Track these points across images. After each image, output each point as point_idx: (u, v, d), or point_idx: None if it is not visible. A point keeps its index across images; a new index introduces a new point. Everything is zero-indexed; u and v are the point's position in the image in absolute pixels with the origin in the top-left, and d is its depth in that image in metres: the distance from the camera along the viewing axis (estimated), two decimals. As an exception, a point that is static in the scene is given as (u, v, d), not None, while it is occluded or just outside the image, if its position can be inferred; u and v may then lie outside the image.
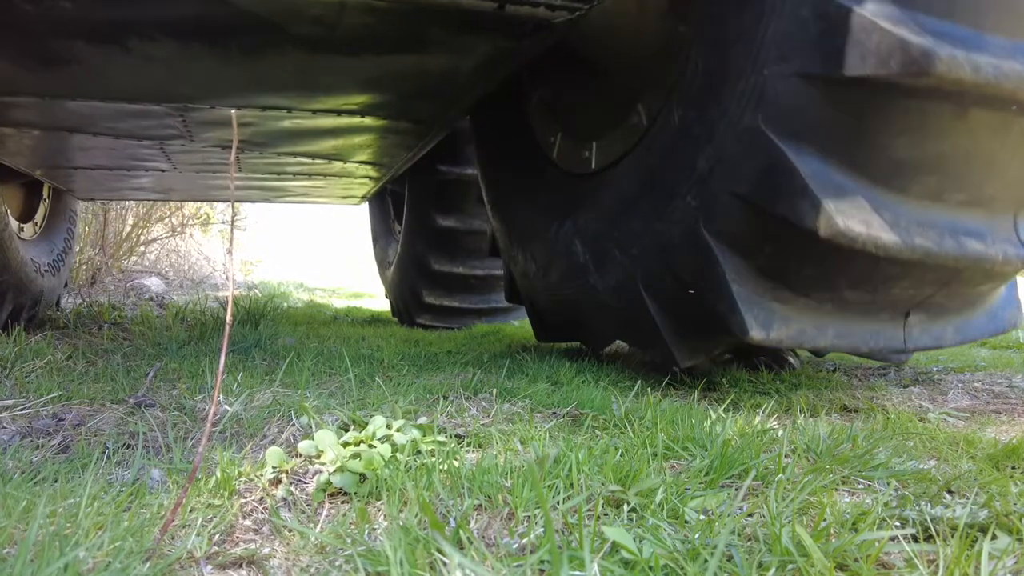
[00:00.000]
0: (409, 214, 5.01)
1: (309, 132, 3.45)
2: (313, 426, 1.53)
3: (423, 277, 4.74)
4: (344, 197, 6.03)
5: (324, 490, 1.19)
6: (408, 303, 5.09)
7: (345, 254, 15.61)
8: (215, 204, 10.96)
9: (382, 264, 6.32)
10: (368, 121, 3.27)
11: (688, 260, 2.00)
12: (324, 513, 1.13)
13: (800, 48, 1.65)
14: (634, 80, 2.30)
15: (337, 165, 4.41)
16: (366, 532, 1.01)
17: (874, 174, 1.69)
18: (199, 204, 10.74)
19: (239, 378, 2.05)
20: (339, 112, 3.08)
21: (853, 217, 1.67)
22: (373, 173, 4.68)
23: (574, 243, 2.55)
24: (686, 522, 1.04)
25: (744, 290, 1.89)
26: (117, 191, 5.57)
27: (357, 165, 4.43)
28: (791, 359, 2.74)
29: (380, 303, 8.79)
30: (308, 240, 16.40)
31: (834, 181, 1.68)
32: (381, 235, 6.43)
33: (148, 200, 8.18)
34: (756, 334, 1.86)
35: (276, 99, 2.90)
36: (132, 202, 8.98)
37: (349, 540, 0.97)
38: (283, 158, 4.10)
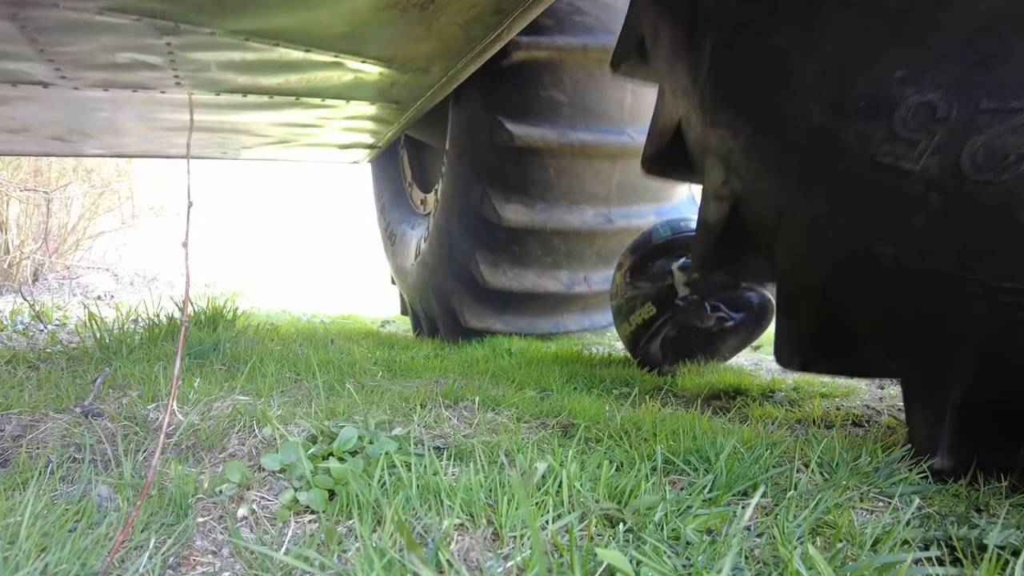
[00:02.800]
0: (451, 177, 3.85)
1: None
2: (277, 438, 1.52)
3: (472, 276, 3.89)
4: (345, 147, 4.33)
5: (290, 508, 1.18)
6: (452, 299, 4.11)
7: (317, 251, 15.56)
8: (168, 183, 10.79)
9: (393, 256, 5.37)
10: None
11: None
12: (289, 533, 1.12)
13: None
14: None
15: (349, 69, 2.71)
16: (336, 555, 1.00)
17: None
18: (152, 191, 10.66)
19: (196, 385, 2.04)
20: None
21: None
22: (402, 91, 2.99)
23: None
24: (688, 543, 1.04)
25: None
26: None
27: (381, 70, 2.69)
28: None
29: (350, 303, 8.78)
30: (272, 233, 16.32)
31: None
32: (393, 214, 5.49)
33: (45, 156, 5.93)
34: None
35: None
36: (79, 191, 8.90)
37: (317, 563, 0.96)
38: (252, 51, 2.60)
